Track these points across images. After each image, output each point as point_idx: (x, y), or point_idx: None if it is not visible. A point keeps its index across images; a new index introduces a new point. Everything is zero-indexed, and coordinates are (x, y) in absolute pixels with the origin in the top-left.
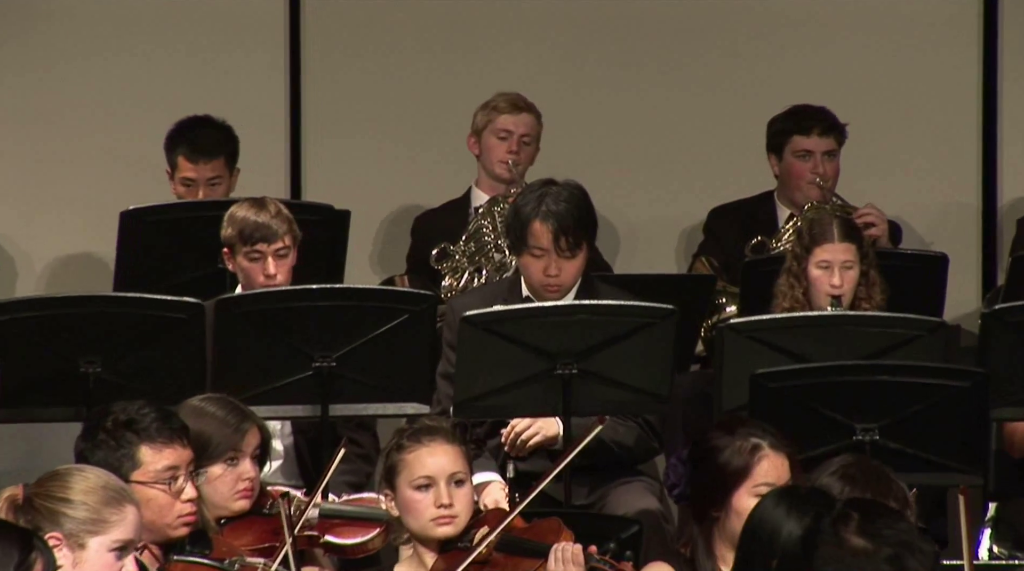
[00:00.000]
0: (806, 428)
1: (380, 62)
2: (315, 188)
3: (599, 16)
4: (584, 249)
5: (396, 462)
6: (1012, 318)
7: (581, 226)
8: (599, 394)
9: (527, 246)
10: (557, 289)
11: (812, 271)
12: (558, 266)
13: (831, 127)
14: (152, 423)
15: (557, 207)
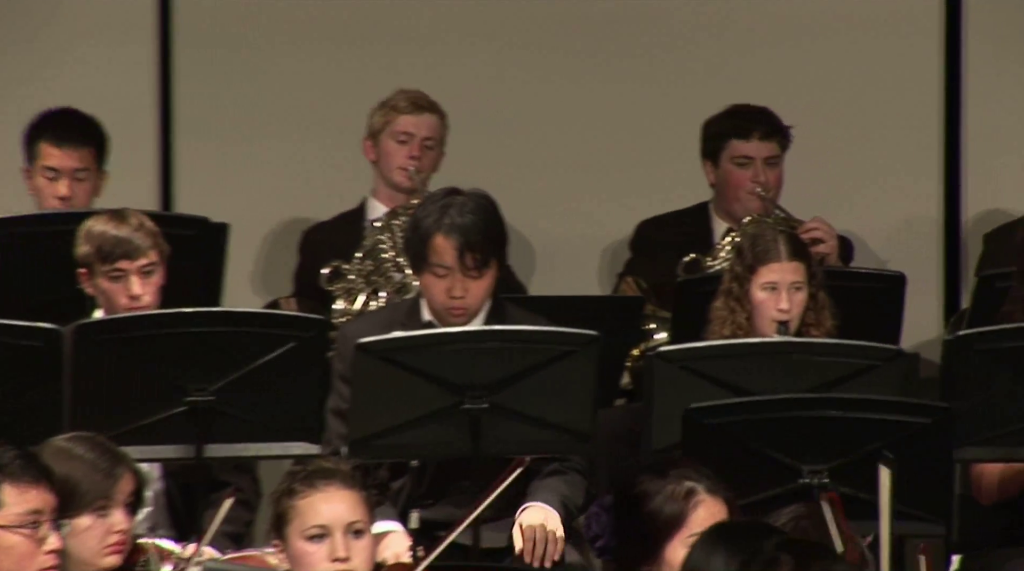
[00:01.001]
0: (747, 470)
1: (263, 57)
2: (188, 198)
3: (510, 5)
4: (493, 267)
5: (287, 509)
6: (979, 345)
7: (489, 241)
8: (512, 432)
9: (428, 264)
10: (462, 312)
11: (756, 294)
12: (464, 287)
13: (774, 130)
14: (15, 460)
15: (462, 220)
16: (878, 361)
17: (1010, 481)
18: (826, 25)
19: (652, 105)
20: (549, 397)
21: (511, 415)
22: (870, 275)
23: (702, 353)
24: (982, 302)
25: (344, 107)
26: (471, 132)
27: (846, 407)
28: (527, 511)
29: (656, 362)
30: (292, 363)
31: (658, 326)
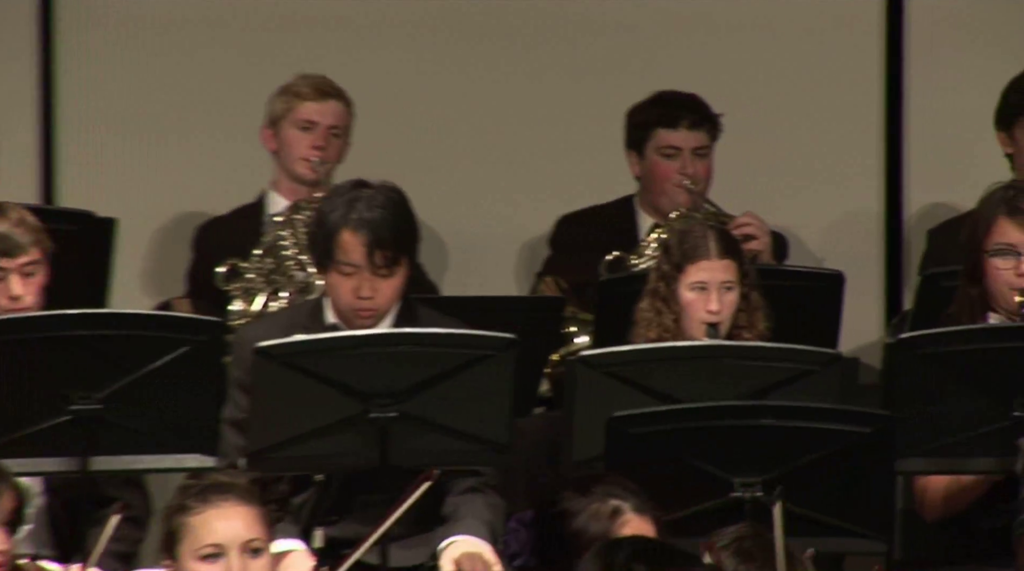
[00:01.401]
0: (675, 483)
1: (153, 41)
2: (72, 192)
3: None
4: (404, 266)
5: (178, 526)
6: (922, 349)
7: (400, 238)
8: (423, 442)
9: (335, 261)
10: (370, 314)
11: (684, 294)
12: (372, 286)
13: (703, 119)
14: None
15: (371, 214)
16: (815, 366)
17: (956, 496)
18: (762, 10)
19: (573, 93)
20: (463, 405)
21: (422, 424)
22: (806, 274)
23: (627, 358)
24: (926, 302)
25: (241, 94)
26: (379, 121)
27: (781, 415)
28: (457, 545)
29: (578, 367)
30: (185, 369)
31: (579, 329)
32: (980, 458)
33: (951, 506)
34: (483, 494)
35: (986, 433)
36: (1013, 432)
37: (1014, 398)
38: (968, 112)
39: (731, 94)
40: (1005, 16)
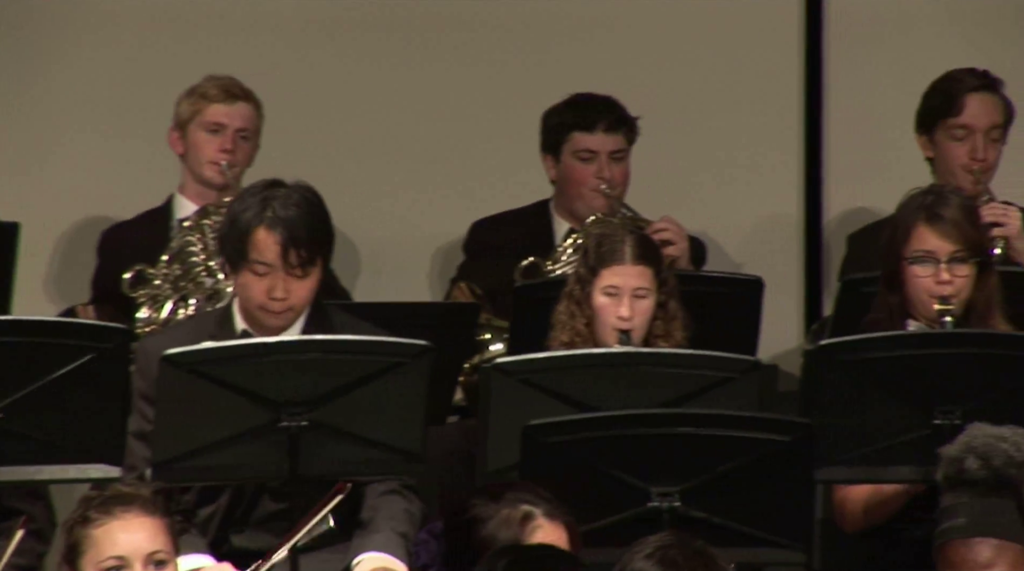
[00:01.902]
0: (591, 492)
1: (56, 40)
2: None
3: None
4: (318, 267)
5: (80, 539)
6: (843, 356)
7: (316, 237)
8: (335, 452)
9: (247, 261)
10: (283, 315)
11: (597, 298)
12: (286, 287)
13: (619, 122)
14: None
15: (286, 213)
16: (733, 373)
17: (877, 508)
18: (680, 12)
19: (488, 94)
20: (375, 413)
21: (333, 433)
22: (724, 279)
23: (542, 365)
24: (846, 308)
25: (148, 95)
26: (289, 124)
27: (698, 423)
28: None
29: (492, 375)
30: (90, 377)
31: (494, 336)
32: (901, 467)
33: (871, 518)
34: (402, 497)
35: (907, 441)
36: (934, 440)
37: (935, 406)
38: (888, 115)
39: (648, 96)
40: (925, 18)
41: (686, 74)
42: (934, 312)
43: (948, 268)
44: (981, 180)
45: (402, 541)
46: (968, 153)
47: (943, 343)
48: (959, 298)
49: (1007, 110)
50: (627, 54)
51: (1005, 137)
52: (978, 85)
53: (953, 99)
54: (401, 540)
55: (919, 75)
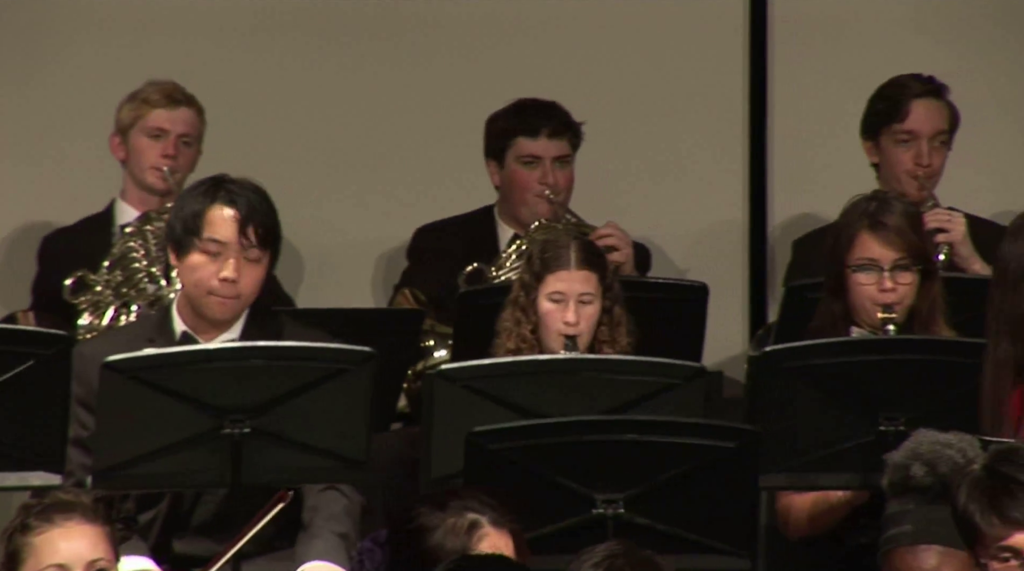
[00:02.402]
0: (536, 499)
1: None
2: None
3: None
4: (268, 257)
5: (20, 547)
6: (787, 362)
7: (271, 220)
8: (278, 459)
9: (201, 239)
10: (233, 300)
11: (542, 304)
12: (238, 267)
13: (564, 127)
14: None
15: (242, 193)
16: (678, 380)
17: (822, 515)
18: (624, 17)
19: (431, 99)
20: (319, 420)
21: (276, 440)
22: (669, 285)
23: (486, 371)
24: (791, 314)
25: (89, 100)
26: (231, 128)
27: (643, 430)
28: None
29: (436, 381)
30: (30, 384)
31: (437, 343)
32: (846, 473)
33: (816, 526)
34: (340, 493)
35: (852, 448)
36: (879, 447)
37: (880, 412)
38: (833, 121)
39: (593, 101)
40: (869, 24)
41: (630, 79)
42: (877, 320)
43: (891, 276)
44: (926, 186)
45: (342, 543)
46: (913, 159)
47: (888, 350)
48: (902, 306)
49: (952, 116)
50: (571, 59)
51: (950, 143)
52: (923, 91)
53: (898, 105)
54: (341, 542)
55: (864, 81)
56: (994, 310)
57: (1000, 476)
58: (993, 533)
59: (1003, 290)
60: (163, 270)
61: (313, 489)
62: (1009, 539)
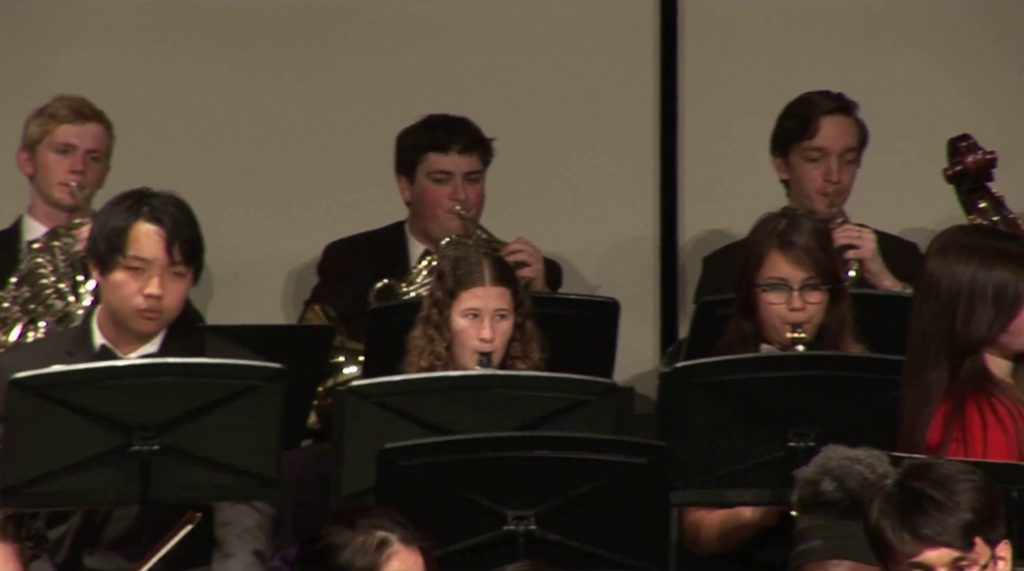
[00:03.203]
0: (447, 516)
1: None
2: None
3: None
4: (191, 273)
5: None
6: (698, 378)
7: (196, 236)
8: (187, 476)
9: (124, 257)
10: (155, 316)
11: (456, 321)
12: (162, 283)
13: (474, 143)
14: None
15: (166, 209)
16: (589, 396)
17: (732, 533)
18: (535, 32)
19: (342, 113)
20: (229, 437)
21: (186, 457)
22: (580, 302)
23: (397, 388)
24: (702, 331)
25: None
26: (139, 142)
27: (555, 446)
28: None
29: (347, 398)
30: None
31: (347, 359)
32: (756, 489)
33: (726, 543)
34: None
35: (762, 463)
36: (789, 462)
37: (790, 428)
38: (743, 137)
39: (503, 117)
40: (781, 41)
41: (541, 95)
42: (786, 339)
43: (800, 295)
44: (835, 202)
45: (258, 561)
46: (823, 175)
47: (798, 365)
48: (811, 325)
49: (861, 133)
50: (482, 74)
51: (859, 160)
52: (833, 108)
53: (808, 122)
54: (257, 560)
55: (774, 97)
56: (925, 330)
57: (912, 492)
58: (904, 549)
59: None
60: (71, 286)
61: (225, 503)
62: (920, 555)
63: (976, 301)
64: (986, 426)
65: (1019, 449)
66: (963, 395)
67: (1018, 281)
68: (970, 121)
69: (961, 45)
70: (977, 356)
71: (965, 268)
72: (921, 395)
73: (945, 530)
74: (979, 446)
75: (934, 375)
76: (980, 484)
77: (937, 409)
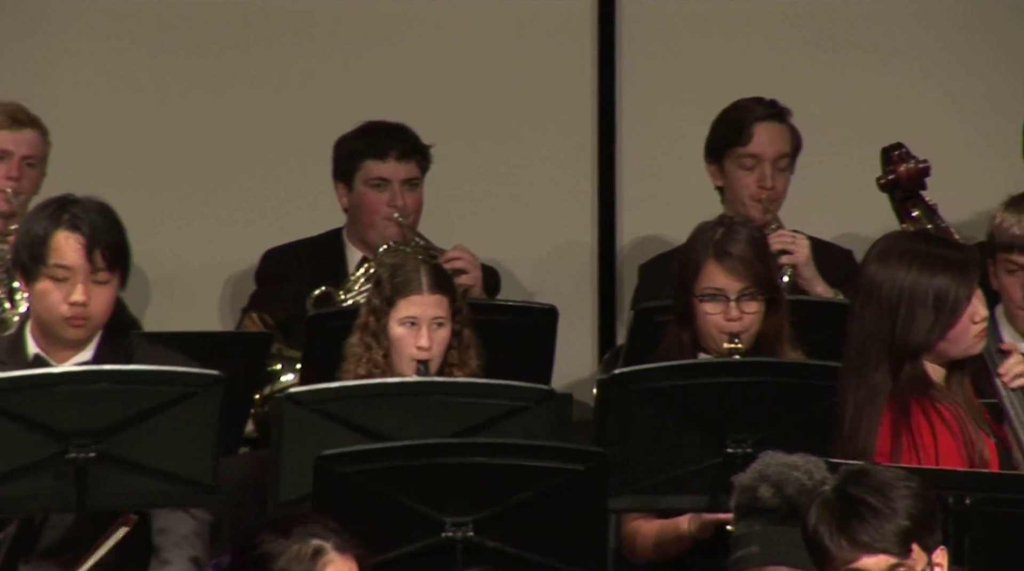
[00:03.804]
0: (385, 523)
1: None
2: None
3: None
4: (117, 278)
5: None
6: (636, 385)
7: (118, 241)
8: (124, 483)
9: (47, 266)
10: (83, 323)
11: (394, 329)
12: (86, 290)
13: (412, 149)
14: None
15: (87, 216)
16: (528, 402)
17: (668, 544)
18: (472, 37)
19: (280, 119)
20: (166, 444)
21: (122, 465)
22: (518, 308)
23: (335, 394)
24: (639, 337)
25: None
26: (74, 148)
27: (493, 453)
28: None
29: (285, 404)
30: None
31: (285, 367)
32: (694, 495)
33: (662, 553)
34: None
35: (700, 470)
36: (726, 469)
37: (728, 435)
38: (681, 143)
39: (441, 123)
40: (718, 48)
41: (478, 101)
42: (724, 349)
43: (737, 305)
44: (770, 209)
45: (195, 568)
46: (757, 182)
47: (735, 372)
48: (748, 334)
49: (795, 139)
50: (420, 80)
51: (793, 166)
52: (766, 114)
53: (741, 128)
54: (193, 567)
55: (712, 104)
56: (866, 334)
57: (850, 498)
58: (842, 555)
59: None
60: (7, 292)
61: (162, 510)
62: (857, 562)
63: (917, 307)
64: (935, 431)
65: (968, 453)
66: (906, 400)
67: (958, 288)
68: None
69: (895, 53)
70: (917, 362)
71: (907, 273)
72: (863, 397)
73: (882, 536)
74: (931, 452)
75: (878, 378)
76: (917, 491)
77: (882, 414)
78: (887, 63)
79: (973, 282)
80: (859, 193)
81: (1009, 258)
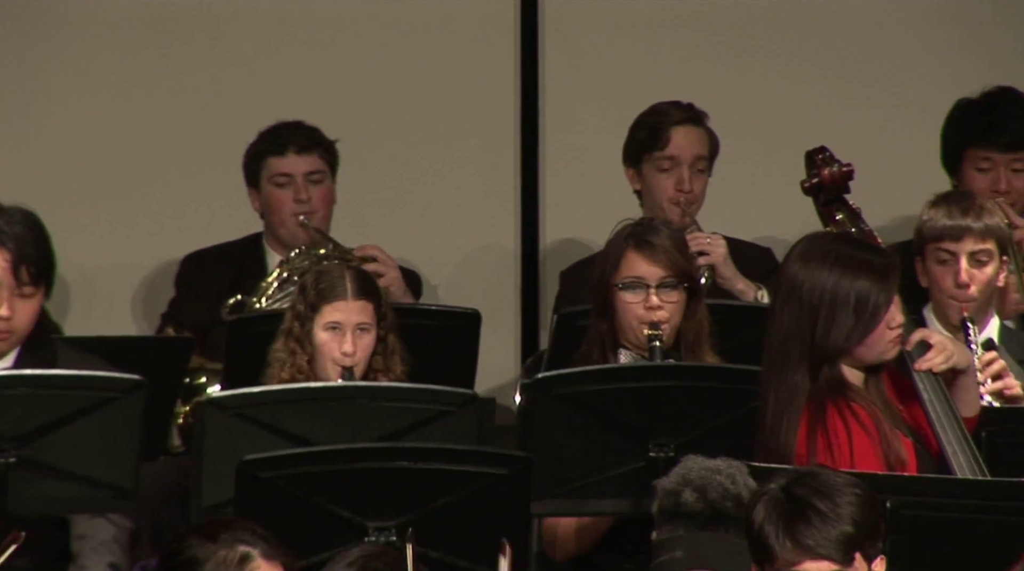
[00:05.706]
0: (308, 527)
1: None
2: None
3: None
4: (42, 290)
5: None
6: (559, 389)
7: (44, 255)
8: (45, 489)
9: None
10: (7, 336)
11: (318, 334)
12: (11, 305)
13: (312, 142)
14: None
15: (12, 230)
16: (451, 407)
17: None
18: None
19: (195, 122)
20: (87, 449)
21: (43, 470)
22: (441, 312)
23: (258, 399)
24: (561, 342)
25: None
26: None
27: (416, 457)
28: None
29: (207, 409)
30: None
31: (210, 379)
32: (616, 499)
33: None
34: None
35: (622, 474)
36: (649, 473)
37: (650, 439)
38: (602, 147)
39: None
40: (640, 53)
41: (399, 103)
42: (644, 338)
43: (658, 293)
44: (688, 212)
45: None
46: (674, 185)
47: (657, 376)
48: (669, 325)
49: (712, 142)
50: (339, 81)
51: (710, 169)
52: (683, 118)
53: (659, 132)
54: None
55: (634, 107)
56: (786, 333)
57: (798, 500)
58: (785, 557)
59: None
60: None
61: (81, 516)
62: (799, 565)
63: (838, 309)
64: (850, 431)
65: (884, 453)
66: (822, 401)
67: (879, 293)
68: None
69: (817, 56)
70: (835, 364)
71: (828, 275)
72: (783, 396)
73: (827, 542)
74: (846, 453)
75: (797, 377)
76: (864, 498)
77: (800, 413)
78: (810, 67)
79: (893, 288)
80: (779, 197)
81: (940, 247)
